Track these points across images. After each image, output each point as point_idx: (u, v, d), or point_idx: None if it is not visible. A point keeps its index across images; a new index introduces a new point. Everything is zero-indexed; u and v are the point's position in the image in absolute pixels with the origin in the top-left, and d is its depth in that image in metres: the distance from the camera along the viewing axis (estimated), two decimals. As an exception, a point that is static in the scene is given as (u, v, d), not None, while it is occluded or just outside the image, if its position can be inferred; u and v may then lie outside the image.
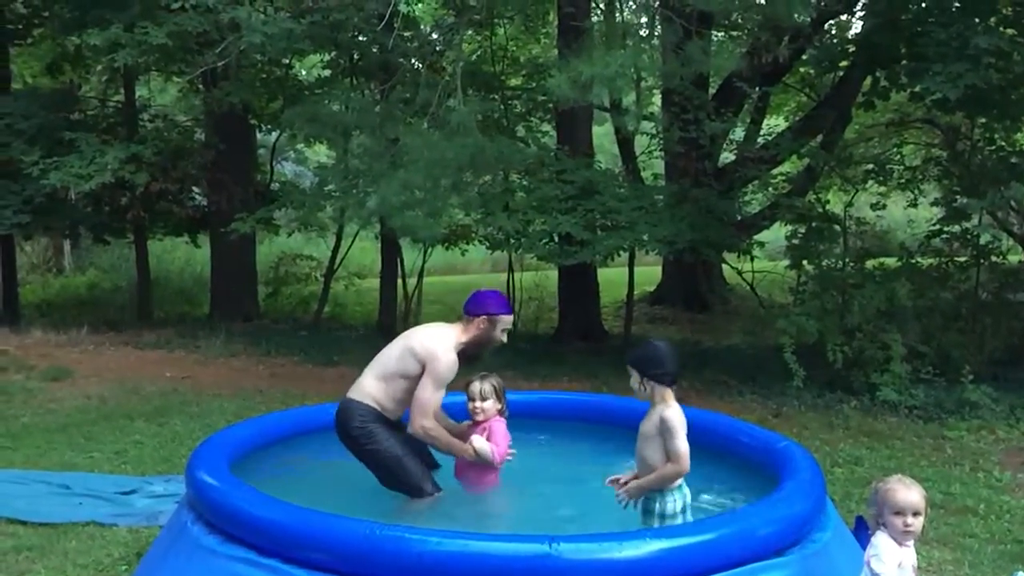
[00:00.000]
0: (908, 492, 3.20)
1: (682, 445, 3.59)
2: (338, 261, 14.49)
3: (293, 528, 3.45)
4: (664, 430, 3.62)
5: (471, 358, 4.62)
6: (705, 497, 4.33)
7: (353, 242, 14.88)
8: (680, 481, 3.69)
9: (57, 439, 7.42)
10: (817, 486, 4.00)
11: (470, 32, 12.91)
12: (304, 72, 16.36)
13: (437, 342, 4.46)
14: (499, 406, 4.60)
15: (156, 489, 5.95)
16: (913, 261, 10.03)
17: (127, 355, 11.40)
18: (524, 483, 4.75)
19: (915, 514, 3.19)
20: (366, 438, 4.47)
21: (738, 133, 12.79)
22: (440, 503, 4.46)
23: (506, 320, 4.65)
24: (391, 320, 13.29)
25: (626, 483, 3.84)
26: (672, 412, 3.63)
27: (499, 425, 4.57)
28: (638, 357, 3.75)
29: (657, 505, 3.72)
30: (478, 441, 4.48)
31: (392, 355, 4.56)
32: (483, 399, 4.55)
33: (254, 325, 13.67)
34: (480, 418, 4.57)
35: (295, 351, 11.67)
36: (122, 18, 11.57)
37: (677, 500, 3.64)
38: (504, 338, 4.66)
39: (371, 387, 4.53)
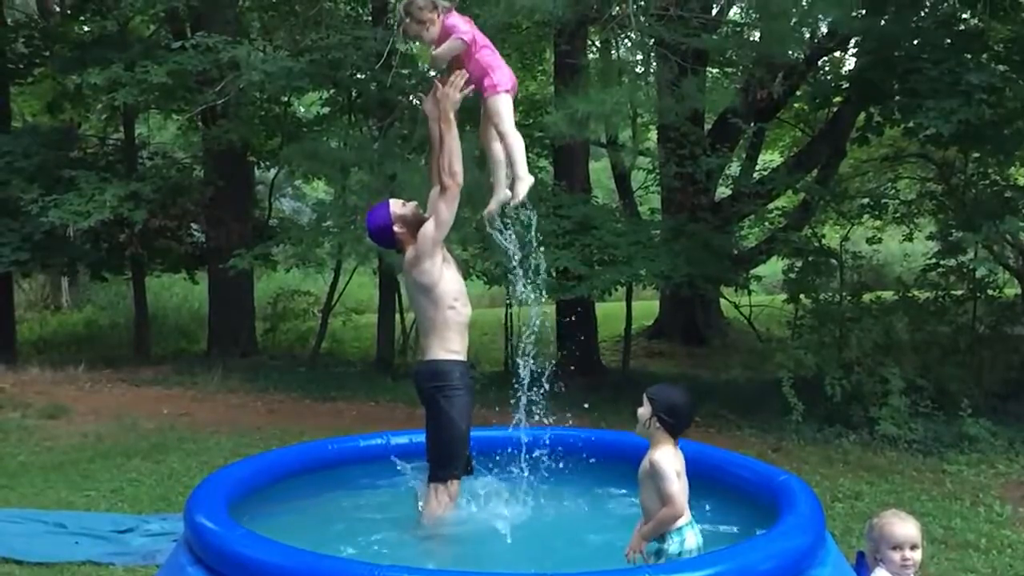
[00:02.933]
0: (904, 525, 3.20)
1: (673, 487, 3.54)
2: (336, 296, 14.50)
3: (294, 571, 3.43)
4: (654, 474, 3.59)
5: (417, 222, 4.50)
6: (704, 532, 4.31)
7: (351, 277, 14.91)
8: (681, 523, 3.64)
9: (53, 477, 7.38)
10: (817, 521, 3.98)
11: (467, 70, 13.02)
12: (303, 109, 16.48)
13: (410, 255, 4.43)
14: (432, 16, 4.34)
15: (153, 527, 5.91)
16: (910, 295, 10.06)
17: (124, 392, 11.37)
18: (522, 521, 4.72)
19: (912, 547, 3.19)
20: (445, 394, 4.40)
21: (734, 168, 12.88)
22: (439, 539, 4.43)
23: (397, 207, 4.57)
24: (389, 355, 13.27)
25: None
26: (660, 455, 3.58)
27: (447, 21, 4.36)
28: (661, 395, 3.70)
29: (657, 544, 3.68)
30: (433, 55, 4.38)
31: (418, 308, 4.54)
32: (416, 18, 4.35)
33: (252, 361, 13.64)
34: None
35: (293, 387, 11.64)
36: (123, 57, 11.70)
37: (675, 541, 3.60)
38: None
39: (432, 343, 4.45)
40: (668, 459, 3.58)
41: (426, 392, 4.47)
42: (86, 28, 15.13)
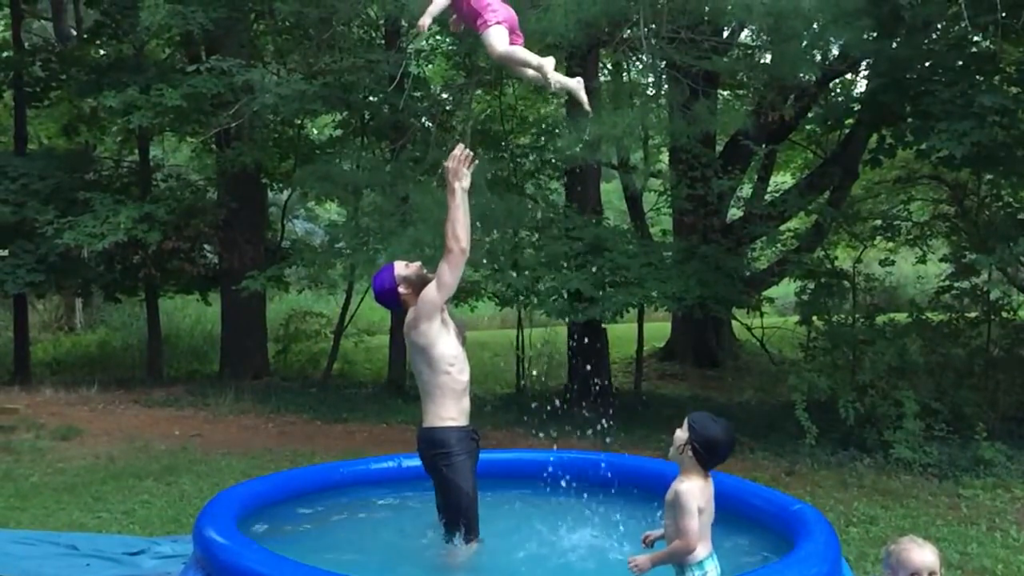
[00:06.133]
0: (922, 552, 3.17)
1: (690, 522, 3.50)
2: (348, 318, 14.53)
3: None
4: (676, 505, 3.56)
5: (421, 283, 4.58)
6: (719, 561, 4.28)
7: (363, 299, 14.94)
8: (703, 556, 3.58)
9: (65, 499, 7.39)
10: (832, 550, 3.95)
11: (479, 92, 13.09)
12: (316, 132, 16.58)
13: (409, 317, 4.51)
14: None
15: (164, 550, 5.90)
16: (923, 317, 10.00)
17: (136, 413, 11.40)
18: (540, 546, 4.70)
19: (931, 574, 3.15)
20: (445, 462, 4.44)
21: (746, 190, 12.87)
22: (450, 561, 4.41)
23: (401, 268, 4.66)
24: (401, 377, 13.26)
25: (652, 541, 3.80)
26: (687, 487, 3.55)
27: None
28: (703, 425, 3.61)
29: None
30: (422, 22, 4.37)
31: (416, 371, 4.59)
32: None
33: (264, 383, 13.67)
34: None
35: (304, 409, 11.65)
36: (138, 81, 11.82)
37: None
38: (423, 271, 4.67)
39: (429, 409, 4.52)
40: (693, 493, 3.54)
41: (427, 461, 4.53)
42: (102, 52, 15.32)
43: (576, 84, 4.46)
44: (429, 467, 4.52)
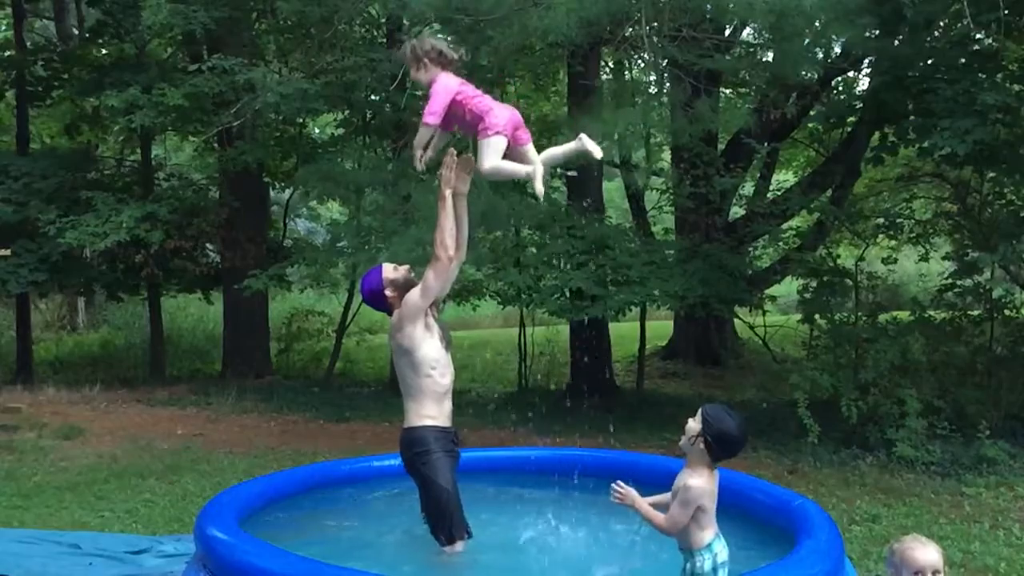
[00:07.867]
0: (925, 551, 3.16)
1: (682, 515, 3.50)
2: (350, 317, 14.53)
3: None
4: (680, 495, 3.55)
5: (408, 287, 4.59)
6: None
7: (365, 298, 14.93)
8: (710, 539, 3.58)
9: (68, 498, 7.39)
10: (835, 546, 3.94)
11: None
12: (318, 131, 16.59)
13: (394, 320, 4.55)
14: (428, 63, 4.45)
15: (167, 548, 5.90)
16: (926, 315, 9.98)
17: (139, 413, 11.41)
18: (538, 542, 4.70)
19: (935, 573, 3.15)
20: (423, 460, 4.44)
21: (748, 188, 12.86)
22: (449, 558, 4.42)
23: (389, 271, 4.67)
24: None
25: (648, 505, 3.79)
26: (697, 482, 3.52)
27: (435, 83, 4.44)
28: (717, 418, 3.56)
29: (688, 564, 3.64)
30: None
31: (399, 372, 4.60)
32: (415, 54, 4.44)
33: (266, 382, 13.68)
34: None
35: (306, 408, 11.66)
36: (140, 80, 11.84)
37: (707, 559, 3.57)
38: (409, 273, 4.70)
39: (410, 409, 4.53)
40: (702, 491, 3.52)
41: (406, 460, 4.53)
42: (104, 51, 15.33)
43: (577, 144, 4.44)
44: (408, 466, 4.53)
